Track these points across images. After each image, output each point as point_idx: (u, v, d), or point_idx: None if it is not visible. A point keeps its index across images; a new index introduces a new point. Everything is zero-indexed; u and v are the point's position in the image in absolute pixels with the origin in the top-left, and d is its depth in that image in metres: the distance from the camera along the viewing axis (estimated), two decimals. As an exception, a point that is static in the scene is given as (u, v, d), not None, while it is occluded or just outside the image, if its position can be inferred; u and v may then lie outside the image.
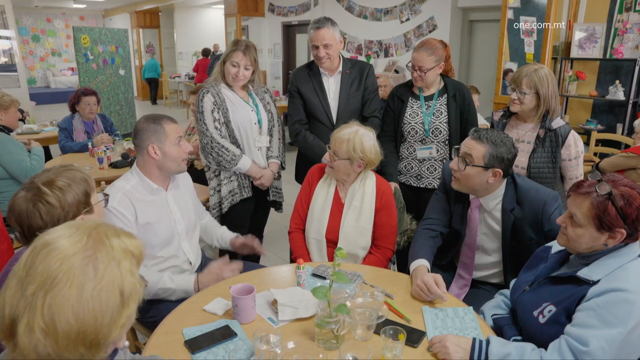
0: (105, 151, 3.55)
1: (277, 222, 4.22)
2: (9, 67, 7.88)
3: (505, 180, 1.89)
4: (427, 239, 1.99)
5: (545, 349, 1.31)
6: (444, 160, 2.59)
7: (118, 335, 0.80)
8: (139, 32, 14.01)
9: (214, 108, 2.53)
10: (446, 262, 2.14)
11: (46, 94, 13.78)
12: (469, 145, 1.85)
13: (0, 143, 3.08)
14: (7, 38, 7.60)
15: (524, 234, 1.87)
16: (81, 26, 7.49)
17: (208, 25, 13.32)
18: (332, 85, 2.71)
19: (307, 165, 2.62)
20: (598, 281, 1.30)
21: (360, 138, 2.05)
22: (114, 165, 3.49)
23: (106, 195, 1.59)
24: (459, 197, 2.01)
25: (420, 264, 1.82)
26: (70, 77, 14.99)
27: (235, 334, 1.46)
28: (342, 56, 2.74)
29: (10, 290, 0.76)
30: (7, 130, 3.27)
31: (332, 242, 2.18)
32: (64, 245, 0.78)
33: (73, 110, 4.25)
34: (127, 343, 0.89)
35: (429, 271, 1.79)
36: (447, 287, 1.97)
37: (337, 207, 2.19)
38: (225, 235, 2.26)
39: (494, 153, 1.79)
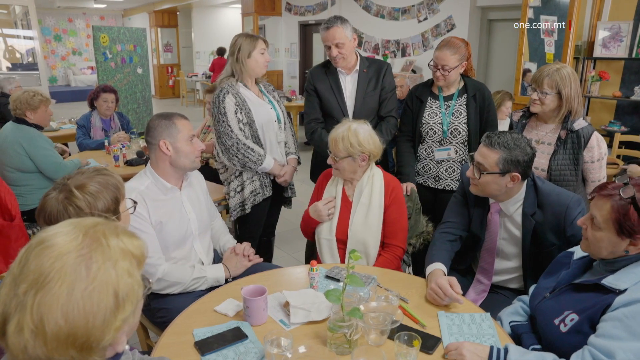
0: (121, 149, 3.57)
1: (290, 222, 4.19)
2: (31, 66, 8.03)
3: (526, 183, 1.83)
4: (444, 242, 1.94)
5: (567, 359, 1.26)
6: (463, 162, 2.54)
7: (113, 338, 0.76)
8: (157, 31, 14.16)
9: (236, 109, 2.50)
10: (464, 267, 2.08)
11: (67, 92, 14.02)
12: (482, 153, 1.79)
13: (32, 138, 3.15)
14: (30, 38, 7.75)
15: (545, 239, 1.81)
16: (100, 25, 7.59)
17: (225, 25, 13.38)
18: (348, 84, 2.68)
19: (322, 163, 2.59)
20: (625, 290, 1.24)
21: (354, 132, 2.03)
22: (129, 163, 3.51)
23: (135, 202, 1.58)
24: (479, 201, 1.95)
25: (436, 268, 1.77)
26: (89, 76, 15.24)
27: (246, 336, 1.43)
28: (359, 55, 2.70)
29: (5, 288, 0.74)
30: (39, 128, 3.30)
31: (342, 242, 2.15)
32: (58, 243, 0.75)
33: (92, 106, 4.30)
34: (127, 347, 0.86)
35: (445, 275, 1.74)
36: (465, 292, 1.93)
37: (346, 206, 2.16)
38: (227, 245, 2.21)
39: (508, 158, 1.72)
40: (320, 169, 2.39)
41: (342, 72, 2.66)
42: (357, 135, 2.03)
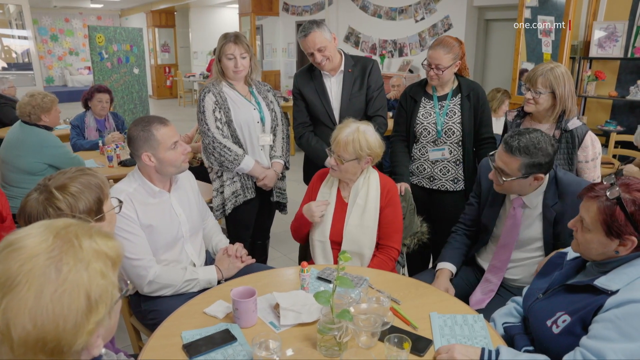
0: (115, 149, 3.55)
1: (285, 223, 4.16)
2: (26, 66, 8.00)
3: (548, 174, 1.84)
4: (462, 245, 2.10)
5: None
6: (457, 162, 2.52)
7: (86, 342, 0.74)
8: (154, 31, 14.14)
9: (215, 107, 2.47)
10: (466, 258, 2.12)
11: (63, 92, 13.95)
12: (502, 159, 1.77)
13: (46, 140, 3.16)
14: (25, 38, 7.71)
15: (565, 228, 1.77)
16: (96, 25, 7.55)
17: (223, 25, 13.36)
18: (334, 86, 2.63)
19: (313, 166, 2.57)
20: (617, 291, 1.23)
21: (363, 135, 2.00)
22: (123, 163, 3.49)
23: (120, 202, 1.55)
24: (494, 196, 1.98)
25: (445, 267, 1.98)
26: (86, 76, 15.18)
27: (235, 339, 1.42)
28: (344, 53, 2.64)
29: None
30: (48, 129, 3.30)
31: (336, 244, 2.13)
32: (27, 245, 0.73)
33: (86, 106, 4.28)
34: (103, 350, 0.83)
35: (453, 275, 1.98)
36: (471, 291, 1.97)
37: (341, 208, 2.15)
38: (219, 245, 2.19)
39: (529, 162, 1.72)
40: (311, 171, 2.37)
41: (327, 75, 2.62)
42: (366, 138, 1.99)
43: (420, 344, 1.40)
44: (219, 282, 1.96)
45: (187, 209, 2.02)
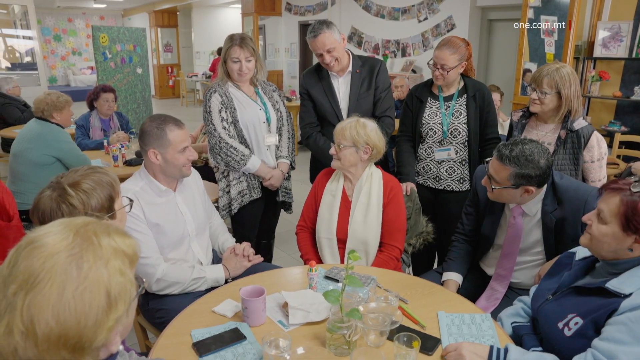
0: (120, 149, 3.56)
1: (290, 222, 4.18)
2: (30, 66, 8.02)
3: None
4: (465, 254, 2.08)
5: None
6: (463, 162, 2.53)
7: (106, 338, 0.75)
8: (157, 31, 14.16)
9: (221, 108, 2.49)
10: (469, 266, 2.10)
11: (66, 92, 13.79)
12: (494, 167, 1.79)
13: (57, 133, 3.25)
14: (29, 38, 7.73)
15: (566, 234, 1.80)
16: (100, 25, 7.56)
17: (225, 25, 13.38)
18: (341, 86, 2.63)
19: (319, 166, 2.57)
20: (630, 294, 1.22)
21: (362, 123, 2.10)
22: (128, 163, 3.50)
23: (131, 200, 1.57)
24: (491, 203, 1.97)
25: (451, 278, 1.97)
26: (89, 76, 15.21)
27: (245, 337, 1.43)
28: (352, 54, 2.64)
29: None
30: (60, 127, 3.39)
31: (341, 242, 2.15)
32: (48, 243, 0.74)
33: (91, 106, 4.30)
34: (121, 347, 0.84)
35: (459, 286, 1.95)
36: (475, 299, 1.95)
37: (345, 205, 2.17)
38: (225, 244, 2.20)
39: (519, 173, 1.72)
40: (318, 171, 2.38)
41: (335, 75, 2.62)
42: (365, 126, 2.08)
43: (428, 343, 1.40)
44: (226, 281, 1.97)
45: (193, 208, 2.03)
